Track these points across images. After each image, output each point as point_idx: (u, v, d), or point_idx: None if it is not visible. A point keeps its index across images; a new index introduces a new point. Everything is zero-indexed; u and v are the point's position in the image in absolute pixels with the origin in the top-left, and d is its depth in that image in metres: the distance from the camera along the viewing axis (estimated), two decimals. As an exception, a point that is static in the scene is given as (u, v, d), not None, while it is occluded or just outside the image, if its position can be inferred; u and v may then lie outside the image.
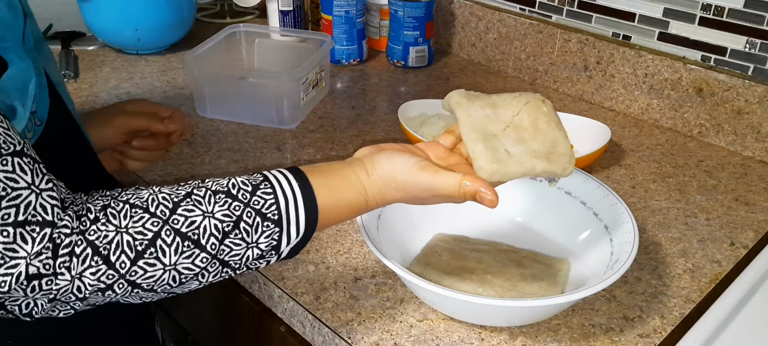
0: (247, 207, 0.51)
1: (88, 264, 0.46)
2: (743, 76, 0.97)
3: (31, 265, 0.45)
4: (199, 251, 0.49)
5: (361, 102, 1.14)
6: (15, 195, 0.44)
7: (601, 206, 0.71)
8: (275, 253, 0.53)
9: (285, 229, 0.53)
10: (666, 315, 0.67)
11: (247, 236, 0.51)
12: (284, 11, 1.26)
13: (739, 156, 0.98)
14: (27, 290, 0.45)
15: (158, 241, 0.48)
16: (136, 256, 0.47)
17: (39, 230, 0.45)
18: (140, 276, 0.48)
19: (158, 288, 0.49)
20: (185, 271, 0.49)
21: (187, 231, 0.49)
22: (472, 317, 0.64)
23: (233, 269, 0.52)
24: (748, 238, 0.80)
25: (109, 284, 0.47)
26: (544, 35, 1.18)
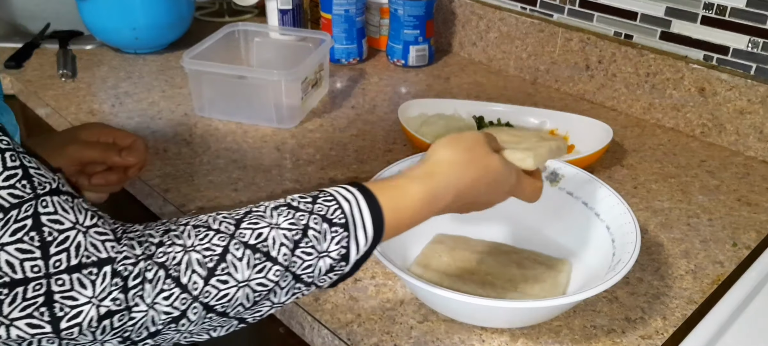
0: (312, 215, 0.49)
1: (160, 288, 0.43)
2: (746, 75, 0.96)
3: (100, 306, 0.42)
4: (272, 264, 0.47)
5: (361, 101, 1.13)
6: (62, 238, 0.41)
7: (603, 207, 0.71)
8: (345, 263, 0.50)
9: (353, 232, 0.50)
10: (668, 316, 0.67)
11: (317, 245, 0.49)
12: (283, 10, 1.26)
13: (742, 156, 0.98)
14: (96, 333, 0.42)
15: (228, 255, 0.46)
16: (208, 273, 0.45)
17: (97, 271, 0.42)
18: (214, 296, 0.45)
19: (231, 311, 0.47)
20: (259, 287, 0.47)
21: (257, 243, 0.47)
22: (472, 318, 0.64)
23: (306, 283, 0.49)
24: (750, 238, 0.79)
25: (183, 310, 0.44)
26: (546, 34, 1.17)
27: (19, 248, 0.40)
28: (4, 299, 0.39)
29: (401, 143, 0.99)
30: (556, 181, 0.76)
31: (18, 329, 0.40)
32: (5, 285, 0.39)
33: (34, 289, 0.40)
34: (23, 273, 0.40)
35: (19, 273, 0.40)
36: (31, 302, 0.40)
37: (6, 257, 0.39)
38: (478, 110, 1.02)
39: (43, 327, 0.40)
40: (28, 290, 0.40)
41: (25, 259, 0.40)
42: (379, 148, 0.98)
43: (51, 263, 0.40)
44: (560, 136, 0.98)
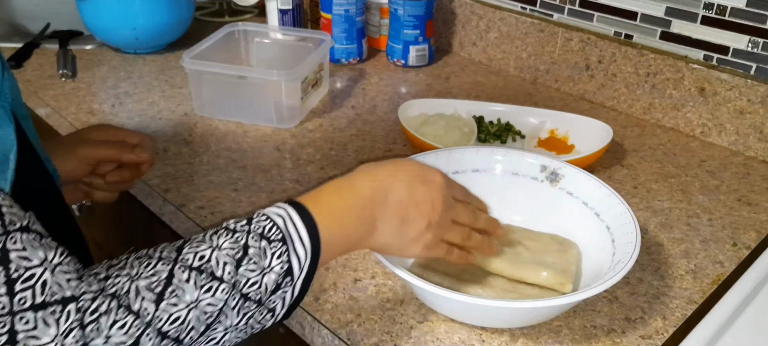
0: (249, 234, 0.50)
1: (113, 319, 0.43)
2: (746, 75, 0.96)
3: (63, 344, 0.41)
4: (218, 283, 0.47)
5: (361, 101, 1.13)
6: (28, 275, 0.41)
7: (603, 207, 0.71)
8: (290, 278, 0.51)
9: (291, 245, 0.51)
10: (668, 316, 0.67)
11: (259, 261, 0.49)
12: (283, 10, 1.26)
13: (742, 156, 0.98)
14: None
15: (174, 279, 0.46)
16: (157, 298, 0.45)
17: (61, 310, 0.41)
18: (166, 321, 0.45)
19: (185, 336, 0.46)
20: (209, 308, 0.47)
21: (200, 264, 0.47)
22: (472, 318, 0.64)
23: (255, 302, 0.49)
24: (750, 238, 0.79)
25: (137, 337, 0.44)
26: (546, 34, 1.17)
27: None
28: None
29: (401, 143, 0.99)
30: (556, 181, 0.76)
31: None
32: None
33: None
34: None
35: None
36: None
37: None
38: (478, 110, 1.02)
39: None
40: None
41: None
42: (379, 148, 0.98)
43: (15, 300, 0.40)
44: (560, 138, 0.98)
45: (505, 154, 0.78)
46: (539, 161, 0.77)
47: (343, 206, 0.55)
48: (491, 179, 0.77)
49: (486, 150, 0.79)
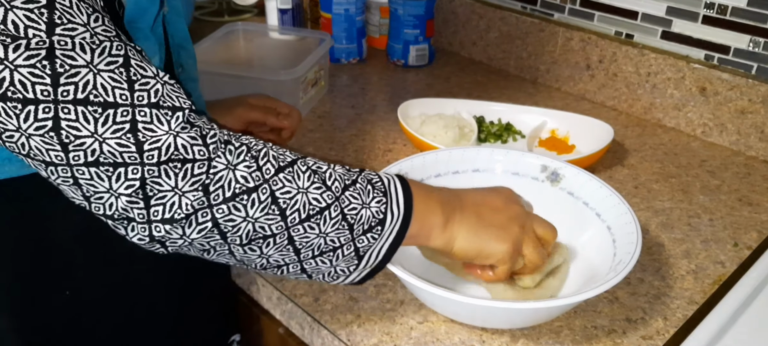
0: (360, 174, 0.56)
1: (242, 158, 0.49)
2: (747, 75, 0.96)
3: (179, 136, 0.46)
4: (326, 189, 0.52)
5: (361, 101, 1.13)
6: (145, 82, 0.45)
7: (604, 207, 0.70)
8: (381, 230, 0.55)
9: (389, 201, 0.55)
10: (669, 317, 0.67)
11: (361, 195, 0.54)
12: (283, 9, 1.25)
13: (743, 156, 0.98)
14: (179, 176, 0.45)
15: (296, 166, 0.52)
16: (279, 168, 0.51)
17: (171, 114, 0.46)
18: (280, 188, 0.50)
19: (289, 212, 0.50)
20: (314, 201, 0.51)
21: (317, 169, 0.53)
22: (472, 319, 0.63)
23: (349, 227, 0.53)
24: (751, 239, 0.79)
25: (256, 186, 0.49)
26: (546, 34, 1.17)
27: (112, 77, 0.44)
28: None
29: (401, 143, 0.99)
30: (557, 181, 0.76)
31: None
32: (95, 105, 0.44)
33: (121, 115, 0.44)
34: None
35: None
36: (119, 127, 0.44)
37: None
38: (479, 110, 1.01)
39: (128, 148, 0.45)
40: (117, 115, 0.44)
41: (116, 87, 0.44)
42: (379, 148, 0.98)
43: (136, 96, 0.45)
44: (561, 138, 0.98)
45: (506, 154, 0.78)
46: (540, 161, 0.77)
47: (427, 190, 0.60)
48: (491, 179, 0.77)
49: (486, 150, 0.79)
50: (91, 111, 0.43)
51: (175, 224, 0.47)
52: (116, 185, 0.45)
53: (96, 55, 0.44)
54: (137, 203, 0.46)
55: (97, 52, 0.44)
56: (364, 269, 0.56)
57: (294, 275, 0.55)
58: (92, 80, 0.43)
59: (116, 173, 0.44)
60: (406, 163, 0.74)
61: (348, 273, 0.56)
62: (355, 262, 0.55)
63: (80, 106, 0.43)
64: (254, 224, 0.49)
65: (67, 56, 0.42)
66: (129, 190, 0.45)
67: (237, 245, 0.50)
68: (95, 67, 0.43)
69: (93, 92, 0.43)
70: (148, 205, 0.46)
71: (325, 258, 0.54)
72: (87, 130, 0.43)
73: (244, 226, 0.49)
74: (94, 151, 0.44)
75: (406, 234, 0.56)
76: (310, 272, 0.55)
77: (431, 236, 0.58)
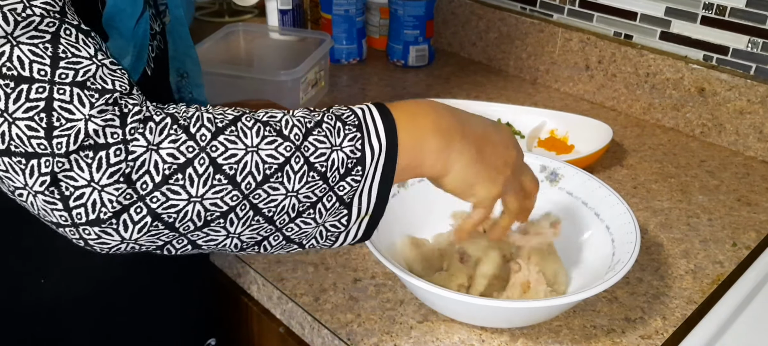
0: (325, 113, 0.49)
1: (167, 133, 0.42)
2: (745, 75, 0.96)
3: (90, 121, 0.40)
4: (282, 140, 0.45)
5: (361, 101, 1.12)
6: (75, 60, 0.41)
7: (603, 207, 0.71)
8: (361, 169, 0.48)
9: (366, 136, 0.48)
10: (668, 316, 0.67)
11: (329, 136, 0.47)
12: (283, 10, 1.26)
13: (742, 156, 0.98)
14: (93, 167, 0.40)
15: (239, 123, 0.45)
16: (217, 131, 0.44)
17: (98, 97, 0.41)
18: (221, 153, 0.43)
19: (241, 179, 0.44)
20: (269, 159, 0.45)
21: (268, 120, 0.47)
22: (472, 318, 0.64)
23: (321, 176, 0.47)
24: (750, 238, 0.79)
25: (190, 159, 0.42)
26: (545, 34, 1.17)
27: (32, 51, 0.40)
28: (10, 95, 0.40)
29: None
30: (556, 181, 0.76)
31: (18, 128, 0.40)
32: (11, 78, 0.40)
33: (36, 91, 0.40)
34: (30, 72, 0.40)
35: (26, 72, 0.40)
36: (33, 105, 0.40)
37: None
38: (479, 110, 1.01)
39: (38, 131, 0.40)
40: (31, 90, 0.40)
41: (35, 61, 0.40)
42: (379, 148, 0.98)
43: (58, 73, 0.41)
44: (560, 138, 0.98)
45: None
46: (539, 161, 0.77)
47: (420, 111, 0.53)
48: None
49: None
50: (2, 85, 0.39)
51: (104, 225, 0.41)
52: (30, 180, 0.40)
53: (19, 27, 0.40)
54: (55, 204, 0.41)
55: (22, 25, 0.40)
56: (359, 219, 0.50)
57: (282, 248, 0.49)
58: (8, 52, 0.40)
59: (29, 165, 0.40)
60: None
61: (343, 228, 0.50)
62: (344, 212, 0.49)
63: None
64: (203, 203, 0.43)
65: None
66: (42, 187, 0.40)
67: (192, 230, 0.44)
68: (15, 38, 0.40)
69: (6, 65, 0.39)
70: (67, 206, 0.41)
71: (307, 217, 0.48)
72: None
73: (192, 208, 0.43)
74: (4, 135, 0.40)
75: (396, 168, 0.50)
76: (298, 238, 0.49)
77: (425, 163, 0.52)
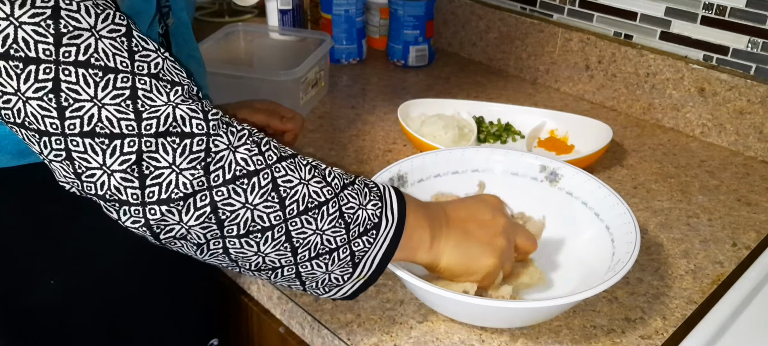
0: (357, 177, 0.56)
1: (243, 141, 0.48)
2: (745, 75, 0.96)
3: (178, 108, 0.45)
4: (326, 184, 0.52)
5: (361, 101, 1.13)
6: (145, 53, 0.45)
7: (603, 207, 0.71)
8: (375, 234, 0.54)
9: (384, 206, 0.55)
10: (668, 316, 0.67)
11: (359, 195, 0.54)
12: (283, 10, 1.26)
13: (742, 156, 0.98)
14: (177, 151, 0.44)
15: (297, 158, 0.52)
16: (281, 157, 0.50)
17: (170, 86, 0.45)
18: (281, 177, 0.49)
19: (289, 201, 0.49)
20: (314, 195, 0.51)
21: (316, 165, 0.53)
22: (472, 318, 0.64)
23: (345, 226, 0.52)
24: (750, 238, 0.79)
25: (257, 170, 0.48)
26: (545, 34, 1.17)
27: (112, 45, 0.44)
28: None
29: (401, 143, 0.99)
30: (556, 181, 0.76)
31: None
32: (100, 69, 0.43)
33: (121, 80, 0.44)
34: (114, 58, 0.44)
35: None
36: (119, 92, 0.43)
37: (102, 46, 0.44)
38: (478, 110, 1.02)
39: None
40: (118, 80, 0.43)
41: (117, 53, 0.44)
42: (379, 148, 0.98)
43: (136, 65, 0.44)
44: (560, 138, 0.98)
45: (505, 154, 0.78)
46: (539, 161, 0.77)
47: (416, 202, 0.59)
48: (491, 179, 0.77)
49: (486, 150, 0.79)
50: (92, 74, 0.42)
51: (171, 205, 0.45)
52: (110, 160, 0.43)
53: (99, 20, 0.43)
54: (131, 182, 0.44)
55: (101, 18, 0.43)
56: (358, 279, 0.55)
57: (287, 281, 0.54)
58: (94, 44, 0.42)
59: (111, 145, 0.43)
60: (405, 163, 0.75)
61: (341, 283, 0.55)
62: (350, 269, 0.54)
63: (81, 68, 0.42)
64: (253, 212, 0.48)
65: (71, 18, 0.42)
66: (123, 166, 0.43)
67: (233, 236, 0.48)
68: (98, 31, 0.43)
69: (95, 55, 0.42)
70: (143, 184, 0.44)
71: (322, 261, 0.52)
72: (87, 93, 0.42)
73: (243, 213, 0.47)
74: (91, 118, 0.42)
75: (399, 244, 0.55)
76: (305, 277, 0.53)
77: (418, 251, 0.58)
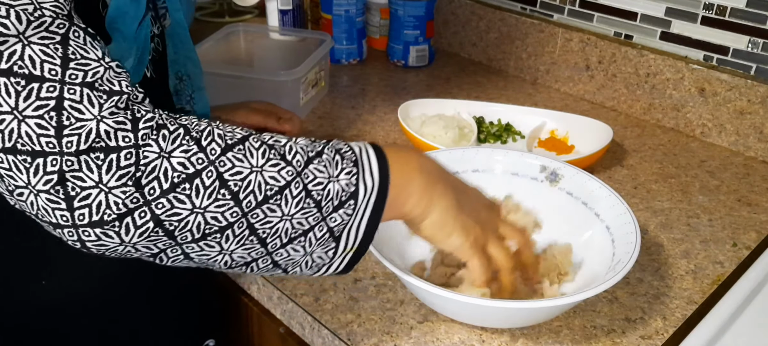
0: (326, 145, 0.52)
1: (179, 143, 0.44)
2: (746, 75, 0.96)
3: (102, 122, 0.42)
4: (285, 164, 0.48)
5: (361, 102, 1.13)
6: (84, 62, 0.42)
7: (603, 207, 0.71)
8: (354, 203, 0.51)
9: (361, 172, 0.51)
10: (668, 316, 0.67)
11: (328, 167, 0.50)
12: (283, 10, 1.26)
13: (742, 156, 0.98)
14: (102, 168, 0.41)
15: (247, 143, 0.47)
16: (226, 147, 0.46)
17: (107, 97, 0.42)
18: (229, 169, 0.45)
19: (243, 195, 0.46)
20: (271, 180, 0.47)
21: (273, 143, 0.49)
22: (472, 318, 0.64)
23: (316, 204, 0.49)
24: (750, 239, 0.79)
25: (199, 170, 0.44)
26: (546, 34, 1.17)
27: (43, 51, 0.41)
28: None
29: (401, 144, 0.99)
30: (556, 181, 0.76)
31: (28, 126, 0.41)
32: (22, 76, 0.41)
33: (47, 90, 0.41)
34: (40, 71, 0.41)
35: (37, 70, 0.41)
36: (43, 103, 0.41)
37: None
38: (478, 111, 1.02)
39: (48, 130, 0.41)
40: (42, 89, 0.41)
41: (46, 60, 0.41)
42: (379, 148, 0.98)
43: (68, 73, 0.42)
44: (560, 138, 0.98)
45: (505, 154, 0.78)
46: (539, 162, 0.77)
47: (409, 155, 0.57)
48: (491, 179, 0.77)
49: (485, 150, 0.79)
50: (13, 83, 0.40)
51: (106, 227, 0.42)
52: (34, 179, 0.41)
53: (31, 27, 0.41)
54: (58, 203, 0.41)
55: (34, 25, 0.41)
56: (345, 252, 0.52)
57: (268, 271, 0.51)
58: (20, 50, 0.40)
59: (34, 163, 0.41)
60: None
61: (328, 261, 0.52)
62: (332, 245, 0.51)
63: (2, 77, 0.40)
64: (204, 215, 0.45)
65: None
66: (47, 186, 0.41)
67: (189, 242, 0.46)
68: (26, 38, 0.41)
69: (18, 63, 0.40)
70: (70, 206, 0.41)
71: (297, 245, 0.49)
72: (7, 105, 0.40)
73: (193, 219, 0.44)
74: (12, 133, 0.40)
75: (384, 206, 0.52)
76: (284, 264, 0.50)
77: (407, 203, 0.55)
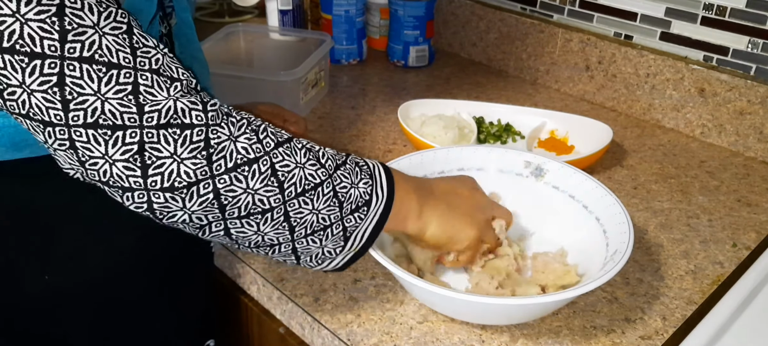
0: (348, 156, 0.58)
1: (243, 130, 0.49)
2: (745, 76, 0.96)
3: (179, 101, 0.46)
4: (320, 166, 0.54)
5: (361, 102, 1.13)
6: (146, 50, 0.47)
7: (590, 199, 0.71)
8: (366, 211, 0.56)
9: (375, 184, 0.57)
10: (668, 317, 0.67)
11: (351, 175, 0.56)
12: (283, 10, 1.26)
13: (742, 157, 0.98)
14: (178, 142, 0.46)
15: (292, 142, 0.53)
16: (278, 143, 0.52)
17: (170, 82, 0.47)
18: (279, 162, 0.51)
19: (287, 185, 0.51)
20: (310, 177, 0.53)
21: (311, 147, 0.55)
22: (471, 317, 0.64)
23: (339, 205, 0.55)
24: (750, 239, 0.79)
25: (257, 158, 0.50)
26: (546, 35, 1.17)
27: (116, 41, 0.45)
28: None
29: (401, 144, 0.99)
30: (541, 176, 0.76)
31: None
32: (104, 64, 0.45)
33: (124, 76, 0.45)
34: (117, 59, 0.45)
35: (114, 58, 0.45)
36: (122, 87, 0.45)
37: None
38: (478, 111, 1.02)
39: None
40: (120, 75, 0.45)
41: (120, 50, 0.45)
42: (379, 148, 0.98)
43: (138, 61, 0.46)
44: (560, 138, 0.98)
45: (489, 151, 0.79)
46: (522, 157, 0.77)
47: (403, 176, 0.62)
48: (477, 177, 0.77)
49: (471, 149, 0.79)
50: (96, 69, 0.44)
51: (175, 192, 0.47)
52: (112, 150, 0.45)
53: (102, 18, 0.45)
54: (133, 171, 0.46)
55: (104, 16, 0.45)
56: (349, 252, 0.58)
57: (284, 256, 0.56)
58: (98, 41, 0.44)
59: (114, 136, 0.45)
60: (404, 161, 0.75)
61: (333, 256, 0.57)
62: (342, 243, 0.57)
63: (85, 64, 0.44)
64: (254, 196, 0.50)
65: (75, 15, 0.44)
66: (126, 155, 0.45)
67: (235, 217, 0.51)
68: (101, 29, 0.45)
69: (98, 52, 0.44)
70: (145, 173, 0.46)
71: (316, 237, 0.55)
72: (90, 88, 0.44)
73: (244, 198, 0.50)
74: (94, 111, 0.44)
75: (388, 217, 0.58)
76: (301, 252, 0.56)
77: (407, 221, 0.60)
